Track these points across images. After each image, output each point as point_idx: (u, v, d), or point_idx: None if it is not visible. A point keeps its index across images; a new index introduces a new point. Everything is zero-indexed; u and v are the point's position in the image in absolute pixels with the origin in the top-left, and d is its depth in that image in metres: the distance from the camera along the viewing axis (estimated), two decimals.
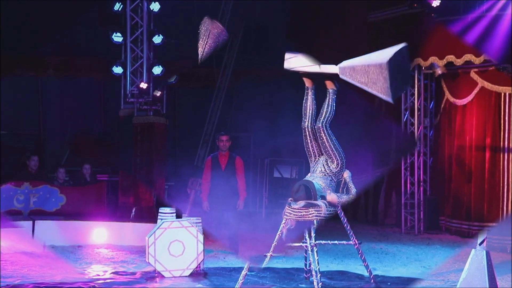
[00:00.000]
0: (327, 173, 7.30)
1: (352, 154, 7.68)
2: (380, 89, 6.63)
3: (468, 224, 12.43)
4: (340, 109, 7.49)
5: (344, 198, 7.32)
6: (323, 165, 7.31)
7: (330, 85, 7.38)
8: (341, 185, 7.44)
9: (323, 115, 7.29)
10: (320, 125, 7.26)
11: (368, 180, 13.60)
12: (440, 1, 12.21)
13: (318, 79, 7.45)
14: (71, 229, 10.97)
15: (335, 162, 7.27)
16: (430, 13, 12.49)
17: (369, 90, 6.72)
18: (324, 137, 7.26)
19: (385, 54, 6.61)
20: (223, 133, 10.49)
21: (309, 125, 7.38)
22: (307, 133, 7.39)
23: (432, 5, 12.37)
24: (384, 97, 6.68)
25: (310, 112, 7.40)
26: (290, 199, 7.19)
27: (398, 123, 13.77)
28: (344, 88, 7.34)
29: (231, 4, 15.04)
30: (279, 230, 7.26)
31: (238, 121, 15.57)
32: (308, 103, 7.44)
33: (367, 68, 6.65)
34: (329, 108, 7.31)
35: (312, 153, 7.40)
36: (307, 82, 7.47)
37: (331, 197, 7.20)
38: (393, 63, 6.57)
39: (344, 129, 7.90)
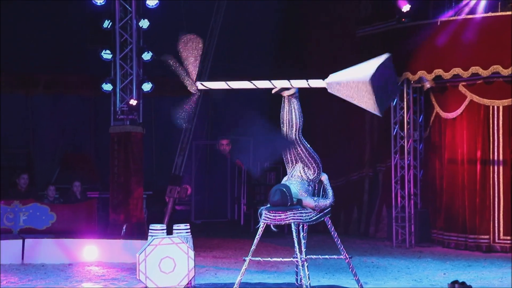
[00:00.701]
0: (304, 178, 7.31)
1: (328, 158, 7.60)
2: (367, 103, 6.66)
3: (465, 236, 12.44)
4: (314, 113, 7.38)
5: (322, 202, 7.32)
6: (299, 171, 7.31)
7: (289, 92, 7.25)
8: (320, 189, 7.45)
9: (294, 126, 7.24)
10: (294, 137, 7.24)
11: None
12: (410, 6, 12.42)
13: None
14: (62, 247, 10.90)
15: (312, 169, 7.28)
16: (401, 18, 12.61)
17: (357, 104, 6.75)
18: (299, 148, 7.25)
19: (369, 68, 6.64)
20: (223, 137, 10.51)
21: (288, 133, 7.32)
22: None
23: (402, 10, 12.50)
24: (372, 111, 6.72)
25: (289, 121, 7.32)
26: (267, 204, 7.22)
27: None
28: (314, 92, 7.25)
29: (223, 9, 15.02)
30: (258, 235, 7.27)
31: (238, 125, 15.54)
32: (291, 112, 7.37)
33: (353, 83, 6.68)
34: (298, 116, 7.26)
35: (289, 160, 7.36)
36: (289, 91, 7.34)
37: (307, 201, 7.23)
38: (378, 76, 6.61)
39: (320, 132, 7.82)
